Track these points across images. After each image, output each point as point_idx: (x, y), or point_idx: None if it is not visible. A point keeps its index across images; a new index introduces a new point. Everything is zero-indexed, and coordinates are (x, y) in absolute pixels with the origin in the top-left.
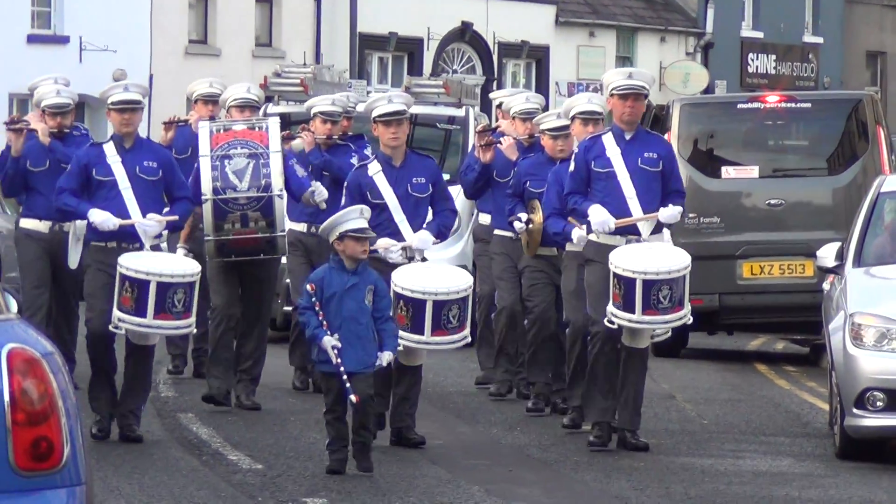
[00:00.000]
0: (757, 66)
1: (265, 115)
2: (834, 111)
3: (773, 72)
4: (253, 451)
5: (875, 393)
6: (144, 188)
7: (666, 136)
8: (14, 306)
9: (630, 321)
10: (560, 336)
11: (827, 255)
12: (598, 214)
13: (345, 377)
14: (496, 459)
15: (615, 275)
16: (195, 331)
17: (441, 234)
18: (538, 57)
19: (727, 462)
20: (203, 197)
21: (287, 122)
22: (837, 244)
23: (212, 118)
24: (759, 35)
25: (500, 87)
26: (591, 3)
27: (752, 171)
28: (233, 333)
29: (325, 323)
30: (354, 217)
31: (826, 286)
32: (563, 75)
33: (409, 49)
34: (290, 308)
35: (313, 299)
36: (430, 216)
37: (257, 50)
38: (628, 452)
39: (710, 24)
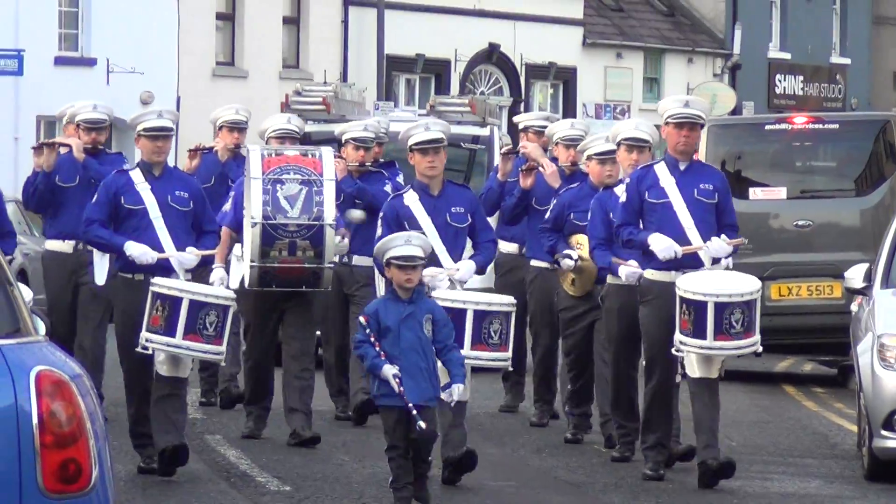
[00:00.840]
0: (784, 88)
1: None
2: (861, 132)
3: (801, 93)
4: (281, 473)
5: None
6: (175, 219)
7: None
8: (42, 328)
9: (701, 348)
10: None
11: (855, 276)
12: (661, 241)
13: (410, 405)
14: (523, 482)
15: (683, 300)
16: (224, 363)
17: (485, 268)
18: (565, 78)
19: (755, 484)
20: (252, 221)
21: (308, 141)
22: (865, 265)
23: (237, 146)
24: (787, 56)
25: (527, 108)
26: (619, 24)
27: (780, 193)
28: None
29: (383, 353)
30: (399, 244)
31: (854, 307)
32: (590, 97)
33: (437, 70)
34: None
35: (367, 331)
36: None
37: (284, 72)
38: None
39: (738, 45)
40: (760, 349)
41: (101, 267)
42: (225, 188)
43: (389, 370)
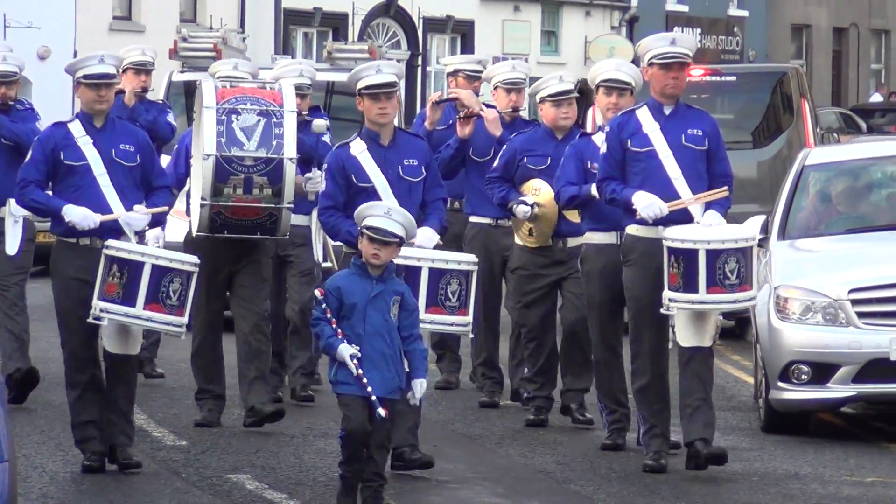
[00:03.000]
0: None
1: (171, 82)
2: (759, 85)
3: (699, 45)
4: (177, 429)
5: (799, 366)
6: (122, 175)
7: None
8: None
9: (692, 302)
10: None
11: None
12: (645, 198)
13: (369, 389)
14: (420, 435)
15: (672, 251)
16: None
17: (443, 230)
18: (463, 32)
19: None
20: (205, 154)
21: (193, 91)
22: (762, 217)
23: (144, 90)
24: (685, 9)
25: (424, 62)
26: None
27: None
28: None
29: (339, 331)
30: (376, 213)
31: None
32: (488, 50)
33: (334, 24)
34: None
35: (324, 306)
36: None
37: (182, 26)
38: (553, 428)
39: None
40: (757, 302)
41: (14, 235)
42: None
43: (346, 350)
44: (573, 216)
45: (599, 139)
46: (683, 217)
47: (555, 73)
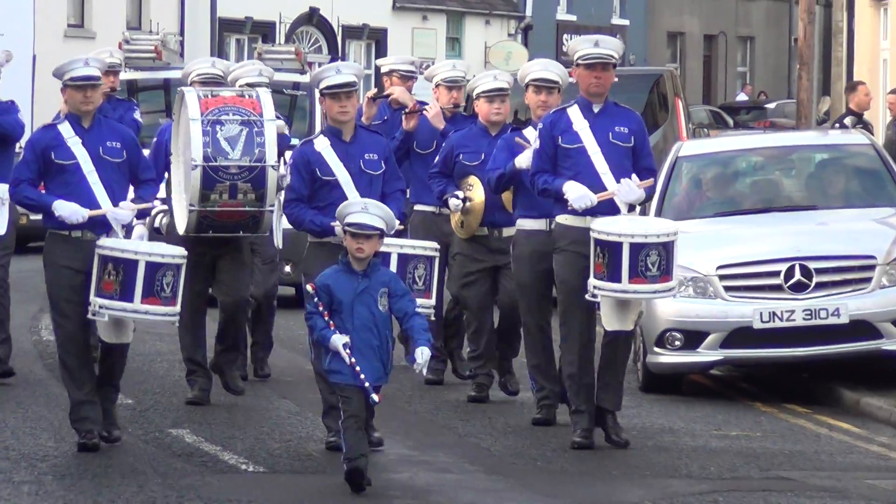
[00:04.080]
0: None
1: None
2: (638, 85)
3: None
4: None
5: (673, 333)
6: (110, 171)
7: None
8: None
9: (615, 291)
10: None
11: None
12: (576, 189)
13: (362, 377)
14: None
15: (598, 242)
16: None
17: (402, 220)
18: (377, 38)
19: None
20: (193, 163)
21: (135, 89)
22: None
23: (112, 90)
24: (573, 18)
25: None
26: None
27: None
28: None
29: (332, 323)
30: (355, 210)
31: None
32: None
33: (263, 31)
34: None
35: (316, 300)
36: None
37: (129, 33)
38: (455, 387)
39: (529, 8)
40: (676, 293)
41: (2, 215)
42: None
43: (339, 340)
44: (507, 205)
45: (530, 133)
46: (611, 208)
47: (490, 71)
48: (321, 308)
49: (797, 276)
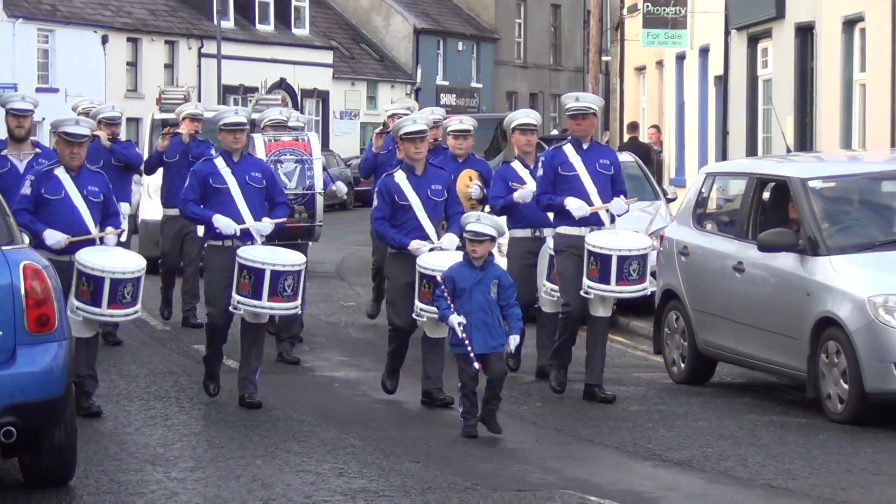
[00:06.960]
0: (445, 101)
1: (153, 119)
2: (489, 125)
3: (455, 104)
4: (167, 323)
5: None
6: (252, 195)
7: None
8: (27, 240)
9: (605, 290)
10: None
11: None
12: (575, 202)
13: (469, 348)
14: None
15: (592, 253)
16: (301, 311)
17: (461, 235)
18: (323, 96)
19: (450, 371)
20: None
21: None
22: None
23: (114, 136)
24: (447, 83)
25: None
26: (352, 66)
27: None
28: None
29: (452, 306)
30: (471, 221)
31: None
32: (337, 107)
33: (250, 92)
34: None
35: (443, 287)
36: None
37: (163, 86)
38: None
39: (419, 76)
40: (649, 291)
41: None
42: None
43: (455, 319)
44: (464, 200)
45: (517, 166)
46: (597, 219)
47: (457, 117)
48: (446, 294)
49: None
